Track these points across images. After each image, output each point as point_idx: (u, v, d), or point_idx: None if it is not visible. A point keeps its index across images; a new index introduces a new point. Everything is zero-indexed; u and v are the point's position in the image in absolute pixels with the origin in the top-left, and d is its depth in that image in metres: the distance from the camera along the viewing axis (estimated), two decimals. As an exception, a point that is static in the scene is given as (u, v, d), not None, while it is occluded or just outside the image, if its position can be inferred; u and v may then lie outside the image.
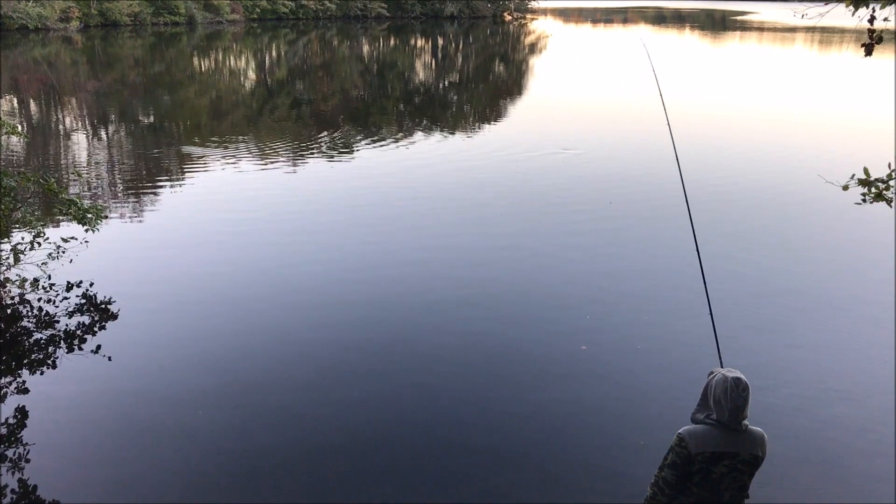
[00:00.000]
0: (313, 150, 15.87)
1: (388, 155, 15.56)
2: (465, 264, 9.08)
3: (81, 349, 6.75)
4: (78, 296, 7.86)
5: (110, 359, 6.59)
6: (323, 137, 17.54)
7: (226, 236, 10.03)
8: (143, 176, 13.74)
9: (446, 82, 31.70)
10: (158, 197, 12.08)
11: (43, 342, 6.89)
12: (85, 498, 4.81)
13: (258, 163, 14.55)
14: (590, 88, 28.01)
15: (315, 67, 35.97)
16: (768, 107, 22.90)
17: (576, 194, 12.43)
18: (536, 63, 39.83)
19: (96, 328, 7.18)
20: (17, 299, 7.69)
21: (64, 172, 13.71)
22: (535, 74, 34.26)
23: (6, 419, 5.64)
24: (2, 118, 8.89)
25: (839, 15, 5.51)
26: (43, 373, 6.38)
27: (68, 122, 20.26)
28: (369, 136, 17.59)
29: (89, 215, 8.02)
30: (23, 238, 8.21)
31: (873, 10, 4.65)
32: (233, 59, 40.00)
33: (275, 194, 12.21)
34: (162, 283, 8.38)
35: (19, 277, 7.88)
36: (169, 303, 7.85)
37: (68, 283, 8.11)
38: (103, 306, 7.65)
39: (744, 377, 3.16)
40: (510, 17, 78.30)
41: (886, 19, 4.93)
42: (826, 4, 5.02)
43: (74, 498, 4.81)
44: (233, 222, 10.62)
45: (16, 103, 22.41)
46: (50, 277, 8.15)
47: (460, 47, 50.72)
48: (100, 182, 13.25)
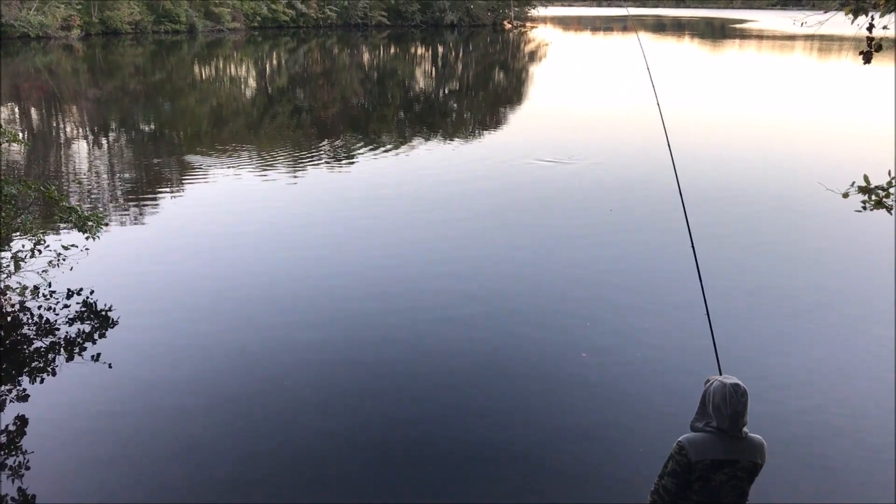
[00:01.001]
0: (314, 159, 15.90)
1: (389, 163, 15.60)
2: (466, 271, 9.08)
3: (81, 357, 6.75)
4: (78, 303, 7.86)
5: (110, 366, 6.59)
6: (323, 146, 17.58)
7: (226, 244, 10.04)
8: (143, 184, 13.76)
9: (446, 90, 31.78)
10: (159, 205, 12.09)
11: (43, 350, 6.89)
12: (84, 506, 4.80)
13: (258, 171, 14.57)
14: (590, 96, 28.09)
15: (315, 75, 36.08)
16: (768, 115, 22.94)
17: (576, 202, 12.44)
18: (536, 71, 39.94)
19: (96, 336, 7.18)
20: (17, 307, 7.69)
21: (65, 180, 13.75)
22: (534, 82, 34.35)
23: (6, 426, 5.63)
24: (3, 126, 8.91)
25: (838, 23, 5.54)
26: (43, 380, 6.37)
27: (69, 130, 20.32)
28: (370, 144, 17.62)
29: (90, 223, 8.03)
30: (23, 246, 8.21)
31: (872, 19, 4.67)
32: (233, 68, 40.15)
33: (275, 202, 12.23)
34: (162, 290, 8.39)
35: (20, 285, 7.88)
36: (169, 310, 7.85)
37: (69, 290, 8.12)
38: (103, 314, 7.65)
39: (742, 383, 3.16)
40: (510, 26, 78.60)
41: (885, 27, 4.95)
42: (825, 13, 5.05)
43: (74, 506, 4.79)
44: (233, 230, 10.63)
45: (17, 111, 22.47)
46: (50, 285, 8.15)
47: (460, 55, 50.89)
48: (100, 190, 13.28)
